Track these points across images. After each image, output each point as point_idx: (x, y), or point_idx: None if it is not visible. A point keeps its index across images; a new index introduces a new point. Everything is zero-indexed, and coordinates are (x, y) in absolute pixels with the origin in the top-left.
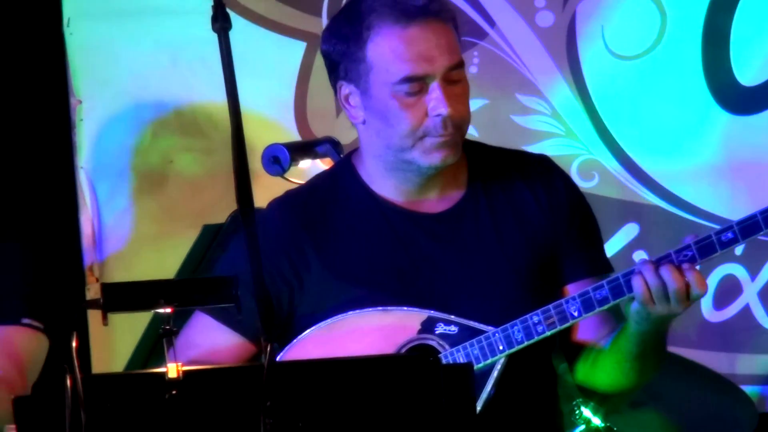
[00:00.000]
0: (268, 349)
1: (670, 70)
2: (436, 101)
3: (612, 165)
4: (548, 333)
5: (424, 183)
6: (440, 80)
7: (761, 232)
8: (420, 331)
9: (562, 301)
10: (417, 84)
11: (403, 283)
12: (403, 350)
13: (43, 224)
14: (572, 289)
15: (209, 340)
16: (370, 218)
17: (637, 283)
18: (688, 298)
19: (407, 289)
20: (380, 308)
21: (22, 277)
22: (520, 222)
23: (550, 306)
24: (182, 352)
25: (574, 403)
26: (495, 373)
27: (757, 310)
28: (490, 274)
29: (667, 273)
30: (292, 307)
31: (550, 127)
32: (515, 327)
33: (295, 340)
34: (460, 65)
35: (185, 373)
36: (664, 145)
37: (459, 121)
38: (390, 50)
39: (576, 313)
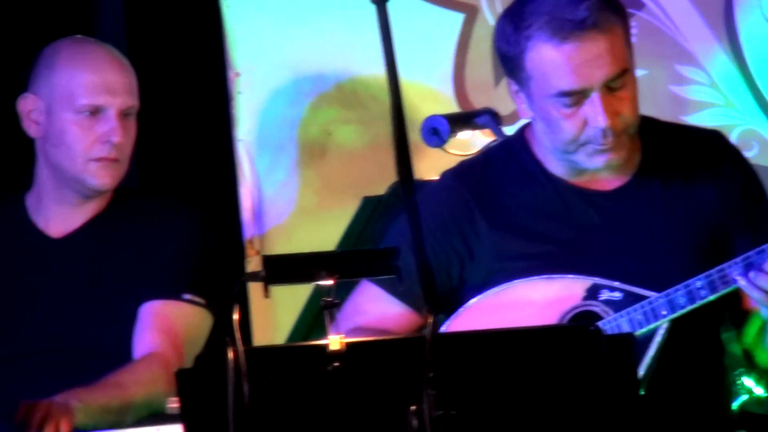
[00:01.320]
0: (430, 320)
1: None
2: (594, 113)
3: None
4: (711, 297)
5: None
6: (599, 91)
7: None
8: (584, 298)
9: (725, 265)
10: (575, 97)
11: (572, 255)
12: (568, 317)
13: (203, 199)
14: None
15: (377, 309)
16: (542, 193)
17: None
18: None
19: (576, 261)
20: (545, 276)
21: (184, 253)
22: (693, 202)
23: (713, 270)
24: (350, 318)
25: (737, 372)
26: (658, 338)
27: None
28: (660, 253)
29: None
30: (461, 278)
31: (708, 97)
32: (678, 291)
33: (460, 309)
34: (622, 74)
35: (347, 345)
36: None
37: (621, 128)
38: (546, 64)
39: (739, 277)
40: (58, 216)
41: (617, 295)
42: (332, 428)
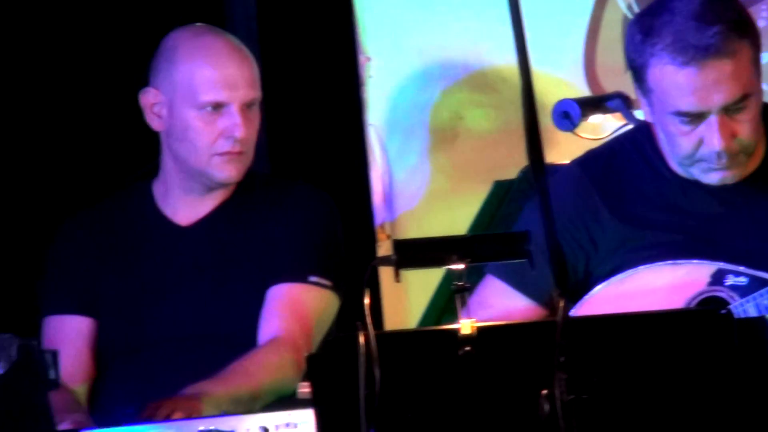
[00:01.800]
0: (561, 304)
1: None
2: (710, 135)
3: None
4: None
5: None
6: (717, 114)
7: None
8: (709, 284)
9: None
10: (692, 117)
11: (696, 243)
12: (693, 303)
13: (334, 184)
14: None
15: (501, 304)
16: (666, 185)
17: None
18: None
19: (700, 248)
20: (670, 262)
21: (310, 235)
22: None
23: None
24: (475, 313)
25: None
26: None
27: None
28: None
29: None
30: (587, 272)
31: None
32: None
33: (586, 296)
34: (743, 98)
35: (479, 329)
36: None
37: (737, 150)
38: (667, 83)
39: None
40: (186, 204)
41: (743, 280)
42: (463, 413)
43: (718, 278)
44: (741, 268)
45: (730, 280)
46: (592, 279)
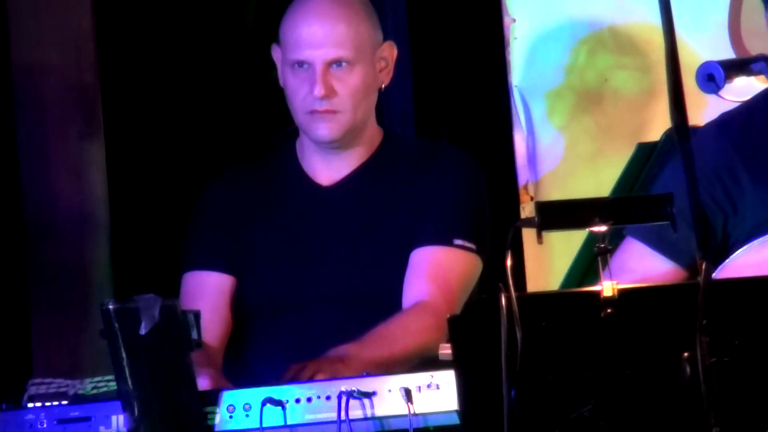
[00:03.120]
0: (704, 267)
1: None
2: None
3: None
4: None
5: None
6: None
7: None
8: None
9: None
10: None
11: None
12: None
13: (478, 144)
14: None
15: (642, 266)
16: None
17: None
18: None
19: None
20: None
21: (456, 198)
22: None
23: None
24: (615, 276)
25: None
26: None
27: None
28: None
29: None
30: (725, 233)
31: None
32: None
33: (726, 261)
34: None
35: (620, 291)
36: None
37: None
38: None
39: None
40: (324, 164)
41: None
42: (605, 375)
43: None
44: None
45: None
46: (730, 241)
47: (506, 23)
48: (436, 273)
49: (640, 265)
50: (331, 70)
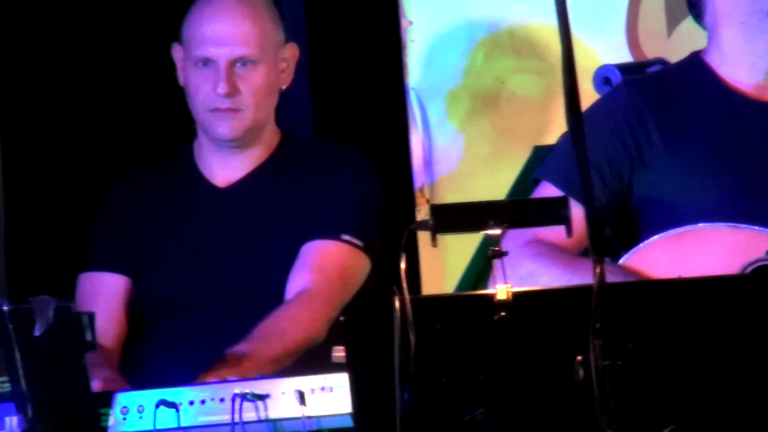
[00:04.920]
0: (597, 269)
1: None
2: None
3: None
4: None
5: None
6: None
7: None
8: None
9: None
10: None
11: (746, 181)
12: (749, 269)
13: (374, 147)
14: None
15: None
16: (717, 105)
17: None
18: None
19: (750, 190)
20: (731, 224)
21: (347, 195)
22: None
23: None
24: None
25: None
26: None
27: None
28: None
29: None
30: (630, 183)
31: None
32: None
33: (642, 245)
34: None
35: (514, 294)
36: None
37: None
38: None
39: None
40: (221, 165)
41: None
42: (498, 377)
43: None
44: None
45: None
46: (633, 193)
47: (403, 25)
48: (321, 264)
49: None
50: (235, 69)
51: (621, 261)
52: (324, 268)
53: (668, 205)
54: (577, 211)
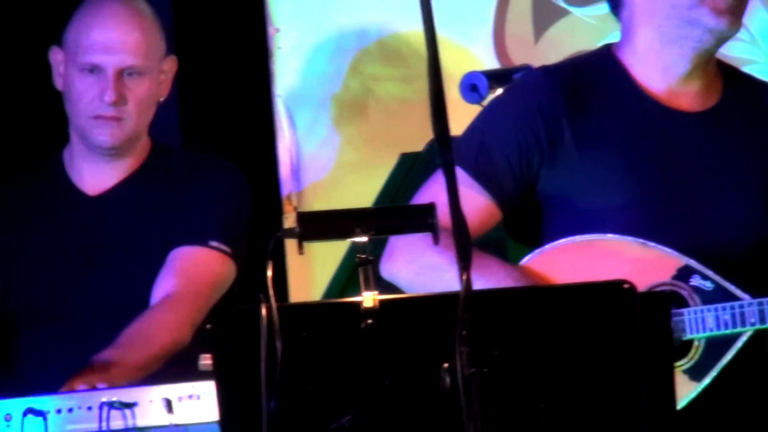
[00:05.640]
0: (464, 278)
1: None
2: None
3: None
4: None
5: (691, 68)
6: None
7: None
8: (674, 277)
9: None
10: None
11: (656, 186)
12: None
13: (242, 155)
14: None
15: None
16: (628, 107)
17: None
18: None
19: (660, 196)
20: (641, 240)
21: (215, 202)
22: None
23: None
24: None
25: None
26: (739, 344)
27: None
28: (739, 185)
29: None
30: (538, 174)
31: (749, 54)
32: None
33: (548, 246)
34: None
35: (381, 302)
36: None
37: None
38: None
39: None
40: (92, 173)
41: (709, 285)
42: (365, 385)
43: (684, 274)
44: (709, 272)
45: (696, 281)
46: (538, 187)
47: (270, 33)
48: (187, 269)
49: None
50: (123, 78)
51: (523, 261)
52: (190, 273)
53: (572, 204)
54: (480, 198)
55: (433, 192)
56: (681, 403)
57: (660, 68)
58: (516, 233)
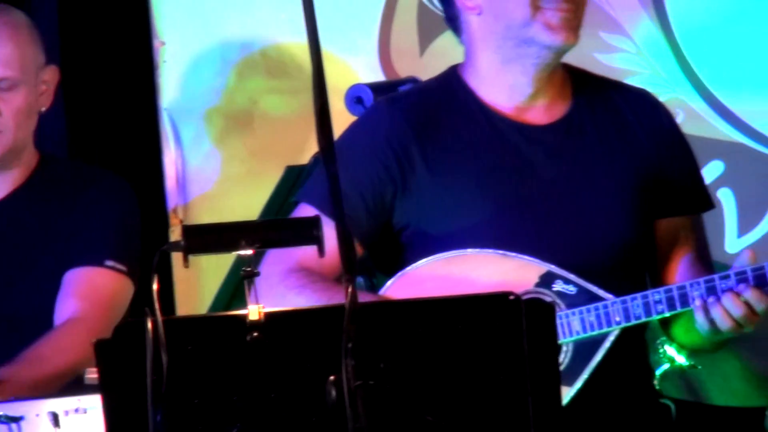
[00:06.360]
0: (350, 289)
1: (755, 4)
2: None
3: (696, 103)
4: (667, 314)
5: (536, 85)
6: None
7: None
8: (537, 284)
9: (686, 284)
10: None
11: (510, 200)
12: None
13: (128, 167)
14: (674, 224)
15: None
16: (478, 127)
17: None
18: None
19: (515, 208)
20: (500, 252)
21: (108, 220)
22: (624, 143)
23: (673, 287)
24: (290, 255)
25: (659, 342)
26: (607, 344)
27: None
28: (597, 190)
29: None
30: (393, 205)
31: (634, 65)
32: (635, 301)
33: (409, 268)
34: None
35: (267, 315)
36: (749, 82)
37: None
38: None
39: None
40: None
41: (571, 288)
42: (251, 398)
43: (546, 281)
44: (571, 276)
45: (559, 286)
46: (394, 218)
47: (155, 46)
48: (86, 292)
49: None
50: None
51: (383, 289)
52: (89, 296)
53: (431, 231)
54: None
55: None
56: None
57: (505, 87)
58: (383, 267)
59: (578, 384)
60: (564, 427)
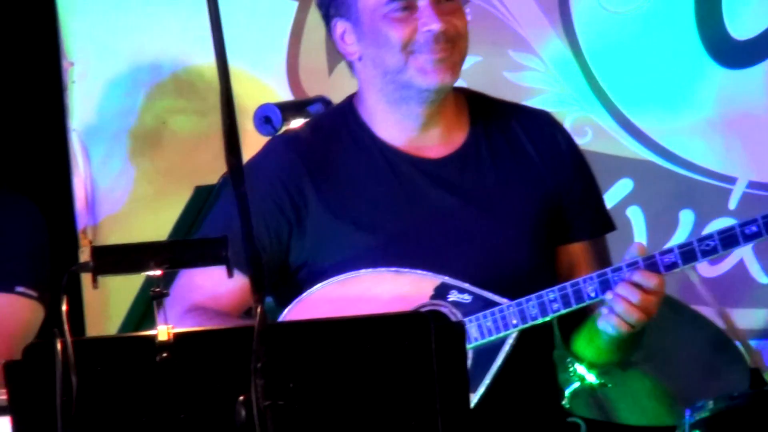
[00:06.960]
0: (259, 309)
1: (662, 24)
2: (426, 17)
3: (605, 121)
4: (563, 311)
5: (426, 120)
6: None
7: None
8: (433, 297)
9: (579, 280)
10: (405, 1)
11: (405, 230)
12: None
13: (36, 189)
14: (574, 250)
15: (210, 280)
16: (372, 161)
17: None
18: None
19: (410, 237)
20: (393, 269)
21: (17, 245)
22: (521, 171)
23: (567, 284)
24: (186, 296)
25: (568, 360)
26: (506, 348)
27: (752, 265)
28: (494, 220)
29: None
30: (289, 245)
31: (543, 83)
32: (530, 302)
33: (305, 294)
34: None
35: (176, 335)
36: (657, 100)
37: (453, 36)
38: None
39: (593, 294)
40: None
41: (466, 297)
42: (162, 420)
43: (441, 292)
44: (465, 285)
45: (454, 296)
46: (291, 257)
47: (64, 67)
48: None
49: (207, 280)
50: None
51: (281, 317)
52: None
53: (326, 263)
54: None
55: (190, 277)
56: None
57: (394, 125)
58: (284, 305)
59: (481, 390)
60: None
